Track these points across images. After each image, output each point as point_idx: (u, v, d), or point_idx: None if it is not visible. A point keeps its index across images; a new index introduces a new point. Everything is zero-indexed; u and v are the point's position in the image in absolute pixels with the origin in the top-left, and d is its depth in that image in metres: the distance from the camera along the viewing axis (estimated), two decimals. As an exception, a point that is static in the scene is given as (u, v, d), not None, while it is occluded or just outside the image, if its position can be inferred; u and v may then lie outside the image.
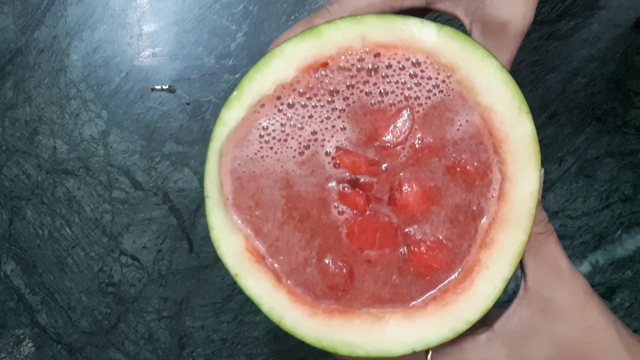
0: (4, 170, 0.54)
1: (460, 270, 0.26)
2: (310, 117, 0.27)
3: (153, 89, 0.52)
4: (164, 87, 0.52)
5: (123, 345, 0.52)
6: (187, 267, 0.52)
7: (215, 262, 0.52)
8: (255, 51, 0.52)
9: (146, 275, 0.52)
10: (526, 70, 0.51)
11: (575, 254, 0.51)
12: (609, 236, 0.51)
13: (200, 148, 0.52)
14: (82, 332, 0.53)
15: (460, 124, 0.27)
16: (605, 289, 0.51)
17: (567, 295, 0.26)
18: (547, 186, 0.51)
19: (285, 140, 0.27)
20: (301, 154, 0.27)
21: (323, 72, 0.27)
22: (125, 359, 0.52)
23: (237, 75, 0.52)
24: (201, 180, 0.52)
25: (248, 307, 0.52)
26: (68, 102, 0.53)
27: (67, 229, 0.53)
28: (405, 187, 0.27)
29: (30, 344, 0.53)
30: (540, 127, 0.51)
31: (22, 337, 0.53)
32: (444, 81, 0.26)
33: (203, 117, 0.52)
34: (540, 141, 0.54)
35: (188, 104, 0.52)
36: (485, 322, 0.27)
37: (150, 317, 0.52)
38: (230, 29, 0.52)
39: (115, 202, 0.52)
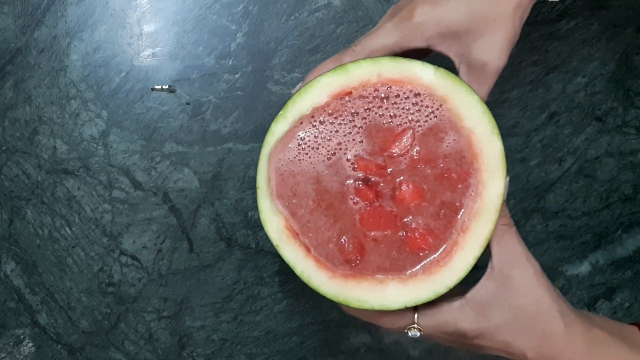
0: (4, 170, 0.54)
1: (443, 249, 0.34)
2: (337, 132, 0.34)
3: (153, 89, 0.52)
4: (164, 87, 0.52)
5: (123, 345, 0.52)
6: (187, 267, 0.52)
7: (216, 262, 0.52)
8: (255, 51, 0.52)
9: (146, 275, 0.52)
10: (526, 70, 0.51)
11: (575, 254, 0.51)
12: (609, 236, 0.51)
13: (200, 148, 0.52)
14: (82, 332, 0.53)
15: (449, 142, 0.34)
16: (605, 289, 0.51)
17: (522, 275, 0.33)
18: (547, 186, 0.51)
19: (317, 148, 0.35)
20: (329, 159, 0.35)
21: (347, 99, 0.34)
22: (125, 359, 0.52)
23: (237, 75, 0.52)
24: (201, 181, 0.52)
25: (248, 307, 0.52)
26: (68, 102, 0.53)
27: (67, 229, 0.53)
28: (404, 187, 0.34)
29: (30, 344, 0.53)
30: (540, 127, 0.51)
31: (22, 337, 0.53)
32: (437, 109, 0.34)
33: (203, 117, 0.52)
34: (540, 141, 0.54)
35: (188, 104, 0.52)
36: (460, 294, 0.34)
37: (150, 317, 0.52)
38: (230, 29, 0.52)
39: (115, 202, 0.52)
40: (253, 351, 0.52)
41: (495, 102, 0.51)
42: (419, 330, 0.34)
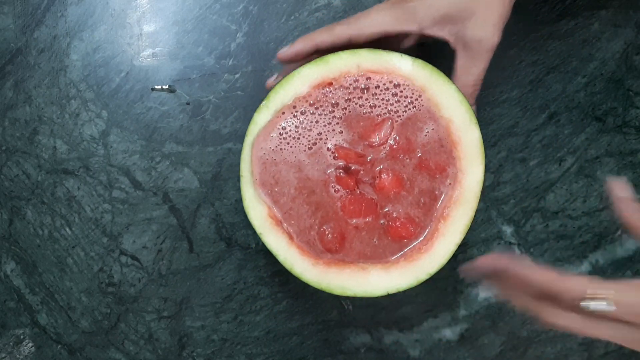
0: (4, 170, 0.54)
1: (423, 237, 0.34)
2: (317, 122, 0.35)
3: (153, 89, 0.52)
4: (164, 87, 0.52)
5: (123, 345, 0.52)
6: (187, 267, 0.52)
7: (216, 262, 0.52)
8: (255, 51, 0.52)
9: (146, 275, 0.52)
10: (526, 70, 0.51)
11: (575, 254, 0.51)
12: (609, 236, 0.51)
13: (200, 148, 0.52)
14: (82, 332, 0.53)
15: (427, 131, 0.35)
16: (605, 289, 0.51)
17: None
18: (547, 186, 0.51)
19: (298, 138, 0.35)
20: (310, 148, 0.35)
21: (329, 89, 0.35)
22: (125, 359, 0.52)
23: (237, 75, 0.52)
24: (201, 181, 0.52)
25: (248, 307, 0.52)
26: (68, 102, 0.53)
27: (67, 229, 0.53)
28: (384, 175, 0.35)
29: (30, 344, 0.53)
30: (540, 127, 0.51)
31: (22, 337, 0.53)
32: (416, 99, 0.35)
33: (203, 117, 0.52)
34: (540, 141, 0.54)
35: (188, 104, 0.52)
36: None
37: (150, 317, 0.52)
38: (230, 29, 0.52)
39: (115, 202, 0.52)
40: (253, 351, 0.52)
41: (495, 102, 0.51)
42: (609, 302, 0.26)
